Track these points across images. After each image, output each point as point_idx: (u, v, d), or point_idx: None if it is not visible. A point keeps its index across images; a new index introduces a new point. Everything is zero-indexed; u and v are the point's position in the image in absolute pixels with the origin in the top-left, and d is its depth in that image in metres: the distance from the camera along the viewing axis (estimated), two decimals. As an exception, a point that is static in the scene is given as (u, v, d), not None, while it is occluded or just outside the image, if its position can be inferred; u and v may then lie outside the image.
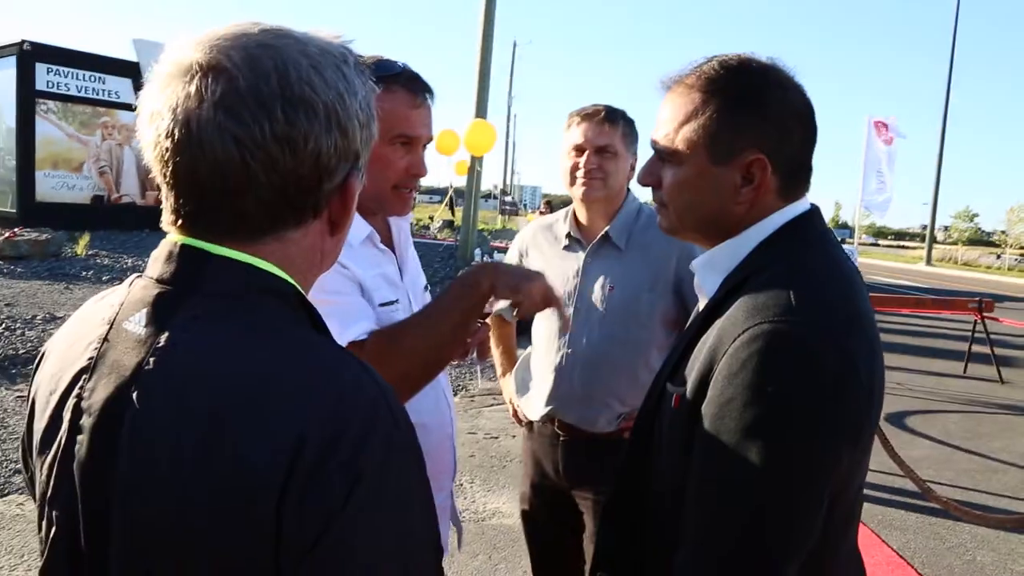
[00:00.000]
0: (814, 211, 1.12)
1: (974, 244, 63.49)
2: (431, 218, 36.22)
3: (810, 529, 0.93)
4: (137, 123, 0.74)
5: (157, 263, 0.75)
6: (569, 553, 2.15)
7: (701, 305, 1.16)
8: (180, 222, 0.74)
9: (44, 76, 15.46)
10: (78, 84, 15.84)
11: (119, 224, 15.55)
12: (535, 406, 2.19)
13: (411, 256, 1.76)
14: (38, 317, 7.45)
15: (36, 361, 0.85)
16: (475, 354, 1.70)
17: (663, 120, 1.12)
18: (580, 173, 2.04)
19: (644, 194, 1.59)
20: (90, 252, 12.13)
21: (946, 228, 69.81)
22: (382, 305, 1.52)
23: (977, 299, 8.38)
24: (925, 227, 39.44)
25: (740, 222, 1.09)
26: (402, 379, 1.33)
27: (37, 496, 0.78)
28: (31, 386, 0.82)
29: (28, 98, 15.28)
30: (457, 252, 15.99)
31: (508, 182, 48.37)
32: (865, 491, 4.26)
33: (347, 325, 1.38)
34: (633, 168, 2.11)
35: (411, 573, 0.69)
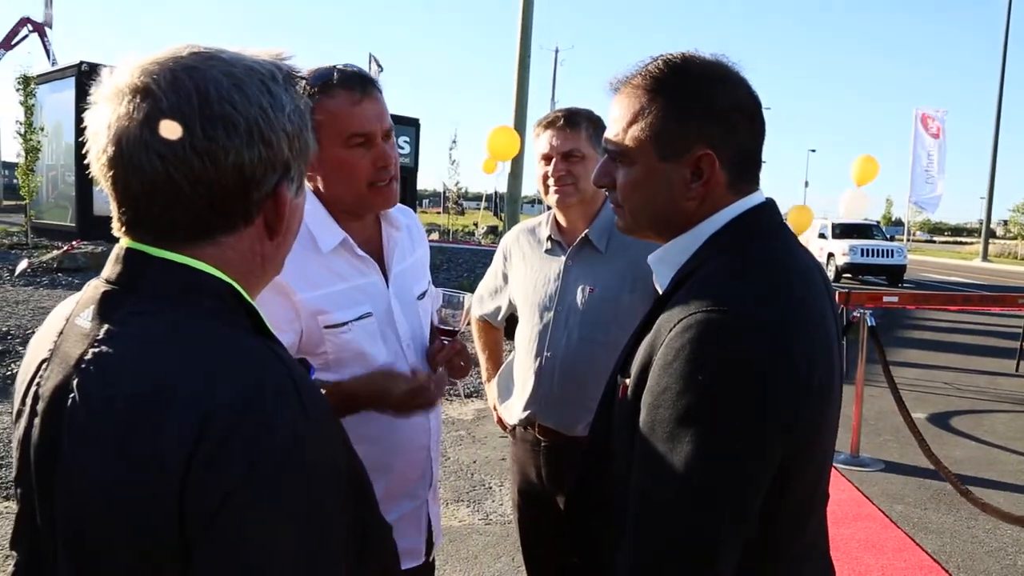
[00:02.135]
0: (768, 204, 1.14)
1: (1035, 238, 61.05)
2: (475, 224, 36.41)
3: (744, 518, 0.95)
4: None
5: (108, 265, 0.85)
6: (559, 557, 2.13)
7: None
8: (124, 228, 0.83)
9: (100, 95, 16.06)
10: (132, 101, 16.40)
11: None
12: (515, 410, 2.20)
13: (409, 264, 1.74)
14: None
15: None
16: (442, 371, 1.68)
17: (612, 121, 1.15)
18: (551, 181, 2.06)
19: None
20: (143, 263, 12.54)
21: (1005, 222, 67.29)
22: (331, 327, 1.53)
23: (1028, 295, 8.11)
24: (982, 222, 38.09)
25: (692, 217, 1.12)
26: None
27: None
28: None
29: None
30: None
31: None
32: (900, 493, 4.15)
33: None
34: None
35: (311, 551, 0.73)
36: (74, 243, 12.92)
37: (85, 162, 0.85)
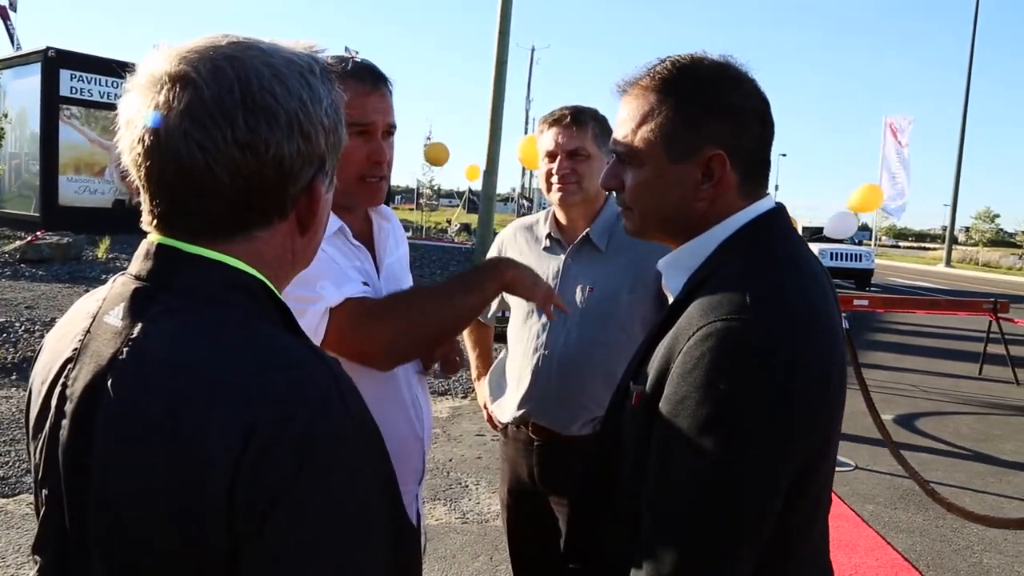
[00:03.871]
0: (778, 209, 1.13)
1: (995, 245, 62.63)
2: (448, 221, 36.34)
3: (763, 523, 0.95)
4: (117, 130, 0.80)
5: (136, 261, 0.82)
6: (548, 558, 2.09)
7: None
8: (156, 222, 0.80)
9: (68, 82, 15.73)
10: (101, 90, 16.09)
11: (140, 228, 15.66)
12: (508, 408, 2.17)
13: (397, 257, 1.75)
14: (57, 320, 7.57)
15: (36, 354, 0.91)
16: (437, 367, 1.69)
17: (620, 123, 1.14)
18: (554, 179, 2.04)
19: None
20: (110, 255, 12.31)
21: (967, 229, 68.85)
22: None
23: (992, 300, 8.30)
24: (946, 228, 38.88)
25: (703, 219, 1.11)
26: (397, 341, 1.44)
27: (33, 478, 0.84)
28: (31, 377, 0.89)
29: (52, 104, 15.56)
30: (474, 255, 16.09)
31: (526, 185, 48.52)
32: (871, 493, 4.23)
33: (341, 283, 1.44)
34: None
35: (356, 554, 0.72)
36: (38, 233, 12.62)
37: (49, 151, 0.81)
